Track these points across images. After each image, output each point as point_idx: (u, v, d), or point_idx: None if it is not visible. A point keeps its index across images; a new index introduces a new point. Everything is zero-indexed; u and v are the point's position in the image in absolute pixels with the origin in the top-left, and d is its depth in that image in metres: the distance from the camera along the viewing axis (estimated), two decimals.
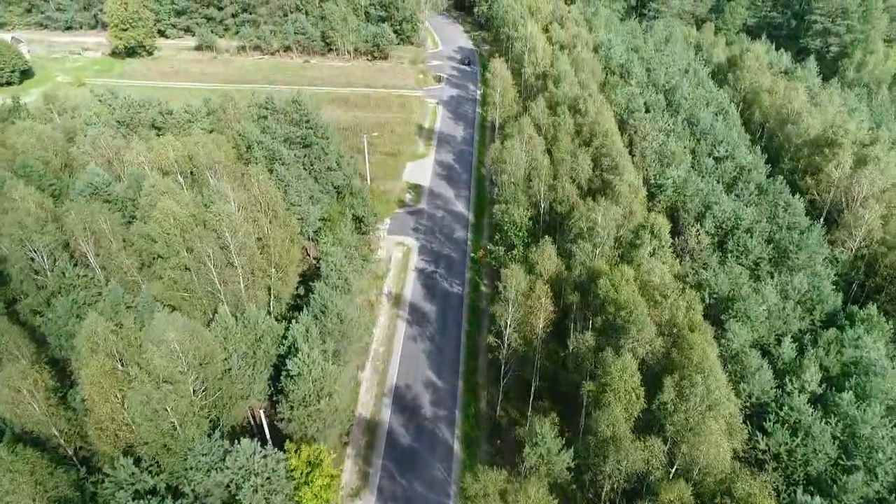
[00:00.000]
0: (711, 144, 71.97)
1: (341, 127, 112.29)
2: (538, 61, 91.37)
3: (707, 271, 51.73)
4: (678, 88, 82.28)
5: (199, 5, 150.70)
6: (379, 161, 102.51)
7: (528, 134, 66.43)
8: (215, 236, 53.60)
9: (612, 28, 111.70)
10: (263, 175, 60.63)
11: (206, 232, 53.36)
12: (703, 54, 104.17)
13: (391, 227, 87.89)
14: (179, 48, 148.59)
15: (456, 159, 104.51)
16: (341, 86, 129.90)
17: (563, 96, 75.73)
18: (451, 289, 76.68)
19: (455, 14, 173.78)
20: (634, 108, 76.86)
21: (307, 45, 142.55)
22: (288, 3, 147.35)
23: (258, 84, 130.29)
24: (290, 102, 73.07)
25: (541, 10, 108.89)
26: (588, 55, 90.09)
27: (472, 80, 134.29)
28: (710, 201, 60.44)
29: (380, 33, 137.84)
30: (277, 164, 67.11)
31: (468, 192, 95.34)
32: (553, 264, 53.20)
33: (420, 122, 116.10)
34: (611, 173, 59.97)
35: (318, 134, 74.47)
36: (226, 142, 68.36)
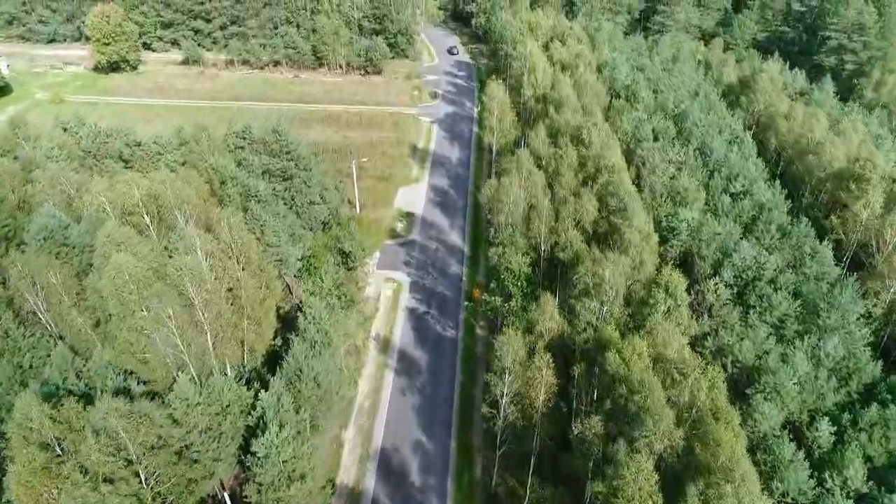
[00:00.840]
0: (727, 178, 66.19)
1: (330, 149, 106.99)
2: (538, 83, 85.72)
3: (729, 334, 45.87)
4: (688, 114, 76.54)
5: (186, 17, 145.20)
6: (369, 186, 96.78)
7: (526, 169, 60.69)
8: (177, 293, 47.84)
9: (616, 44, 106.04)
10: (235, 217, 54.84)
11: (166, 288, 47.56)
12: (712, 73, 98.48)
13: (381, 260, 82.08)
14: (166, 62, 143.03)
15: (451, 184, 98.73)
16: (332, 102, 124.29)
17: (564, 124, 70.02)
18: (445, 332, 70.81)
19: (452, 25, 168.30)
20: (642, 137, 71.12)
21: (297, 60, 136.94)
22: (278, 16, 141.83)
23: (245, 101, 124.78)
24: (269, 132, 67.29)
25: (541, 26, 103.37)
26: (591, 77, 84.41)
27: (468, 97, 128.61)
28: (728, 248, 54.64)
29: (373, 47, 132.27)
30: (253, 201, 61.33)
31: (463, 221, 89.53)
32: (555, 323, 47.37)
33: (414, 142, 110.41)
34: (618, 216, 54.18)
35: (300, 165, 68.72)
36: (197, 177, 62.57)
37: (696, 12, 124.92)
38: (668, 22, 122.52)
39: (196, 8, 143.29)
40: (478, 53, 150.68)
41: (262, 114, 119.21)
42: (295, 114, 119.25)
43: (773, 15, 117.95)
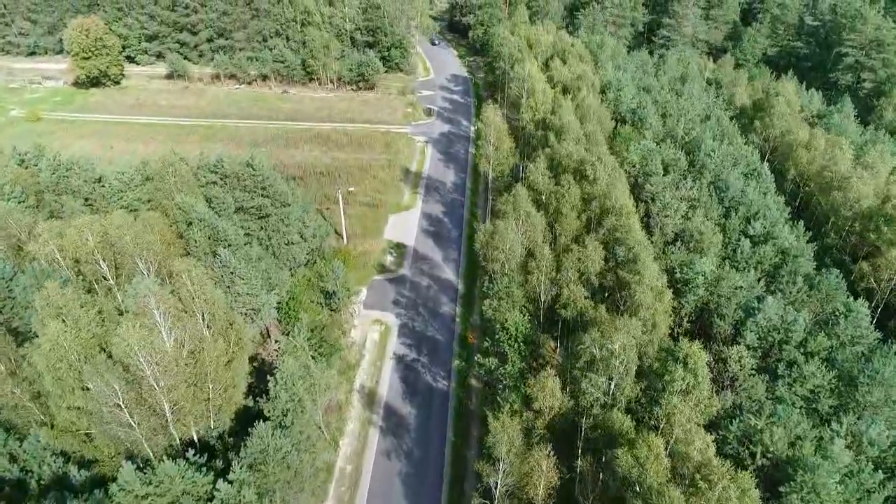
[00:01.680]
0: (745, 218, 60.21)
1: (318, 171, 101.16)
2: (537, 106, 79.78)
3: (756, 416, 39.81)
4: (700, 142, 70.58)
5: (171, 30, 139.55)
6: (358, 214, 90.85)
7: (524, 211, 54.69)
8: (123, 366, 41.87)
9: (620, 61, 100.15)
10: (198, 270, 48.85)
11: (110, 364, 41.57)
12: (723, 94, 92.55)
13: (368, 298, 76.04)
14: (150, 76, 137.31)
15: (445, 211, 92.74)
16: (322, 120, 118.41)
17: (566, 156, 64.03)
18: (436, 383, 64.74)
19: (449, 37, 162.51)
20: (651, 171, 65.16)
21: (287, 74, 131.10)
22: (267, 28, 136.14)
23: (231, 119, 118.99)
24: (243, 166, 61.34)
25: (540, 43, 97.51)
26: (594, 101, 78.46)
27: (465, 114, 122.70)
28: (750, 305, 48.64)
29: (365, 62, 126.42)
30: (222, 246, 55.34)
31: (458, 254, 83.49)
32: (556, 400, 41.37)
33: (407, 164, 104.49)
34: (627, 269, 48.16)
35: (277, 202, 62.76)
36: (161, 219, 56.58)
37: (704, 26, 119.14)
38: (674, 36, 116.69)
39: (182, 20, 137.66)
40: (475, 66, 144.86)
41: (246, 133, 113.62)
42: (282, 133, 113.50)
43: (784, 29, 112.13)
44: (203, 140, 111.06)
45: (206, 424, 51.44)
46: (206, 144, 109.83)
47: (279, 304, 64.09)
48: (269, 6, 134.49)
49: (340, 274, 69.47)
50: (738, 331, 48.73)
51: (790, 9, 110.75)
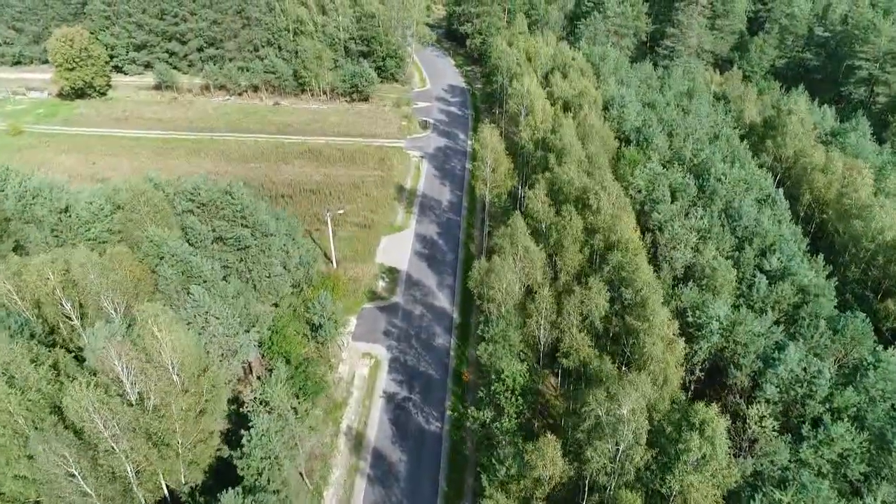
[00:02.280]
0: (760, 251, 55.99)
1: (308, 189, 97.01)
2: (536, 124, 75.63)
3: (782, 492, 35.55)
4: (710, 165, 66.39)
5: (160, 39, 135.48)
6: (349, 235, 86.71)
7: (522, 246, 50.48)
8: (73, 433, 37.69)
9: (623, 75, 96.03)
10: (166, 316, 44.63)
11: (61, 430, 37.37)
12: (731, 110, 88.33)
13: (358, 329, 71.80)
14: (138, 87, 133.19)
15: (441, 232, 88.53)
16: (314, 134, 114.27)
17: (567, 182, 59.83)
18: (428, 426, 60.45)
19: (446, 45, 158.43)
20: (658, 198, 60.97)
21: (278, 86, 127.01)
22: (258, 38, 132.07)
23: (219, 132, 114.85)
24: (222, 193, 57.14)
25: (539, 55, 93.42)
26: (596, 119, 74.31)
27: (462, 127, 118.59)
28: (769, 355, 44.42)
29: (359, 73, 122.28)
30: (196, 283, 51.12)
31: (453, 279, 79.29)
32: (558, 469, 37.14)
33: (401, 181, 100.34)
34: (635, 315, 43.95)
35: (258, 232, 58.56)
36: (129, 255, 52.37)
37: (709, 36, 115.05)
38: (679, 47, 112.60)
39: (170, 29, 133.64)
40: (473, 76, 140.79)
41: (234, 147, 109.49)
42: (272, 147, 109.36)
43: (793, 40, 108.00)
44: (189, 155, 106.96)
45: (176, 479, 47.37)
46: (192, 160, 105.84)
47: (261, 339, 59.97)
48: (261, 15, 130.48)
49: (328, 305, 65.24)
50: (756, 382, 44.49)
51: (799, 19, 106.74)
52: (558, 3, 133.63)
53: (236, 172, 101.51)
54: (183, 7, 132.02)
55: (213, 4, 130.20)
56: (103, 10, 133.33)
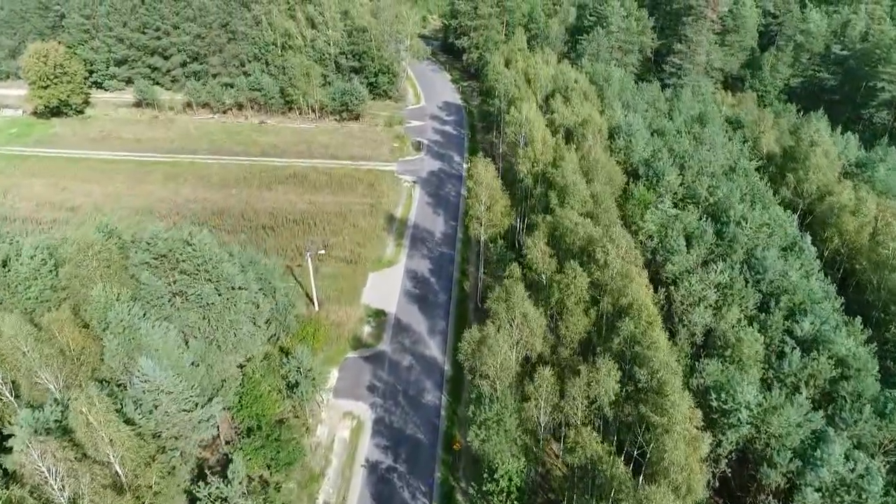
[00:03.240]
0: (788, 311, 49.51)
1: (292, 219, 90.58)
2: (536, 156, 69.22)
3: None
4: (728, 205, 59.90)
5: (142, 53, 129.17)
6: (333, 273, 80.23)
7: (520, 312, 44.03)
8: None
9: (629, 98, 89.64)
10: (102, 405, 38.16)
11: None
12: (746, 136, 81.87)
13: (339, 383, 65.28)
14: (118, 104, 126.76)
15: (433, 269, 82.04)
16: (300, 156, 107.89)
17: (570, 230, 53.34)
18: (414, 501, 53.94)
19: (442, 58, 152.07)
20: (672, 247, 54.50)
21: (264, 104, 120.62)
22: (245, 52, 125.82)
23: (200, 154, 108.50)
24: (181, 244, 50.64)
25: (539, 77, 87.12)
26: (602, 152, 67.98)
27: (457, 148, 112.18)
28: (809, 452, 37.90)
29: (349, 91, 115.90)
30: (147, 354, 44.60)
31: (445, 324, 72.77)
32: None
33: (391, 209, 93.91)
34: (651, 404, 37.43)
35: (224, 286, 52.07)
36: (71, 320, 45.91)
37: (719, 53, 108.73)
38: (687, 64, 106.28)
39: (152, 43, 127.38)
40: (469, 92, 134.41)
41: (216, 171, 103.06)
42: (256, 171, 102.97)
43: (809, 58, 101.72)
44: (167, 180, 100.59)
45: None
46: (169, 185, 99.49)
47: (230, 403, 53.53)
48: (247, 29, 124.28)
49: (305, 360, 58.82)
50: (792, 483, 37.96)
51: (815, 36, 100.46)
52: (559, 17, 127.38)
53: (215, 200, 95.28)
54: (165, 21, 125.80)
55: (196, 18, 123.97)
56: (82, 24, 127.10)
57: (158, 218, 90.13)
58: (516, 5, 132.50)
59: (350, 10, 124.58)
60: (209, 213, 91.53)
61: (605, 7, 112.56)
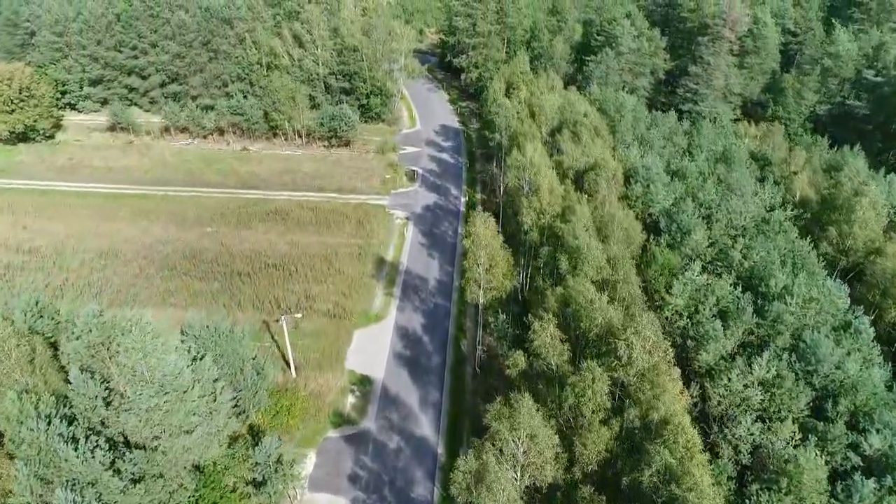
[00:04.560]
0: (849, 416, 40.98)
1: (270, 264, 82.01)
2: (542, 207, 60.73)
3: None
4: (768, 273, 51.35)
5: (117, 73, 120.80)
6: (315, 329, 71.70)
7: (526, 434, 35.44)
8: None
9: (643, 131, 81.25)
10: None
11: None
12: (774, 174, 73.49)
13: (316, 471, 56.53)
14: (91, 128, 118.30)
15: (427, 324, 73.47)
16: (283, 188, 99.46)
17: (585, 313, 44.80)
18: None
19: (439, 76, 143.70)
20: (706, 332, 45.95)
21: (247, 128, 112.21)
22: (227, 73, 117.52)
23: (175, 186, 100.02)
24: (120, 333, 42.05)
25: (544, 109, 78.67)
26: (617, 203, 59.58)
27: (455, 179, 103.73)
28: None
29: (338, 116, 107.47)
30: (64, 484, 36.00)
31: (440, 394, 64.18)
32: None
33: (382, 252, 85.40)
34: None
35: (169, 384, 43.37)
36: None
37: (739, 76, 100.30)
38: (704, 90, 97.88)
39: (129, 62, 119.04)
40: (468, 115, 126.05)
41: (191, 206, 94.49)
42: (235, 206, 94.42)
43: (838, 84, 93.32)
44: (137, 216, 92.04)
45: None
46: (139, 222, 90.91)
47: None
48: (230, 48, 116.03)
49: (274, 450, 50.41)
50: None
51: (845, 60, 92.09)
52: (563, 34, 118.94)
53: (188, 240, 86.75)
54: (142, 39, 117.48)
55: (175, 36, 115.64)
56: (53, 42, 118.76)
57: (123, 263, 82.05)
58: (518, 22, 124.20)
59: (340, 28, 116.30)
60: (180, 257, 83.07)
61: (614, 26, 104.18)
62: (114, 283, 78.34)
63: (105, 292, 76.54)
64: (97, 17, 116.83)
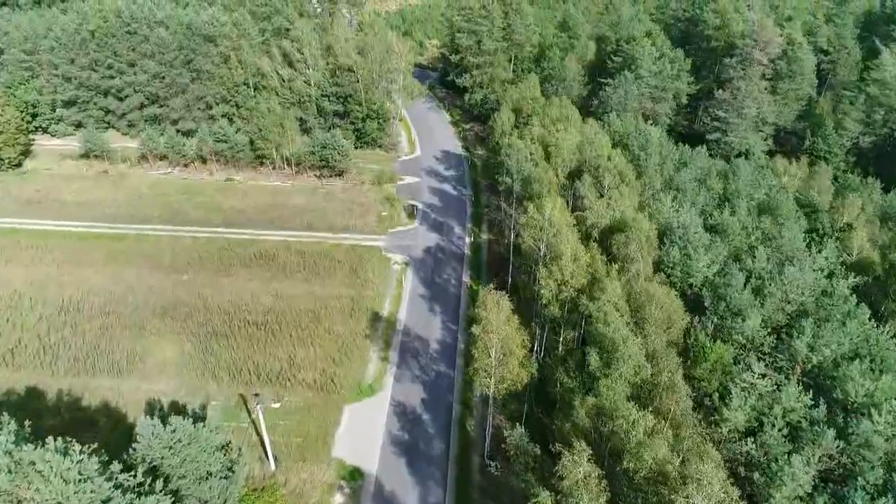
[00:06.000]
0: None
1: (251, 321, 72.76)
2: (564, 277, 51.40)
3: None
4: (844, 378, 42.02)
5: (93, 94, 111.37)
6: (298, 406, 62.53)
7: None
8: None
9: (671, 171, 72.01)
10: None
11: None
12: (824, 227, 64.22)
13: None
14: (63, 154, 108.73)
15: (427, 399, 64.17)
16: (269, 226, 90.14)
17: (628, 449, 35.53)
18: None
19: (440, 93, 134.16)
20: (780, 472, 36.58)
21: (231, 157, 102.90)
22: (211, 94, 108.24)
23: (152, 224, 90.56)
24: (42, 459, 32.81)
25: (560, 150, 69.19)
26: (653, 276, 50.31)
27: (458, 214, 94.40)
28: None
29: (331, 144, 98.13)
30: None
31: (443, 494, 54.92)
32: None
33: (377, 305, 76.11)
34: None
35: None
36: None
37: (773, 104, 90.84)
38: (734, 119, 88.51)
39: (104, 83, 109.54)
40: (472, 138, 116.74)
41: (167, 247, 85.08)
42: (215, 248, 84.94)
43: (885, 114, 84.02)
44: (108, 260, 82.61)
45: None
46: (109, 267, 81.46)
47: None
48: (213, 67, 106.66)
49: None
50: None
51: (893, 87, 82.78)
52: (576, 52, 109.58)
53: (162, 289, 77.49)
54: (119, 57, 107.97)
55: (155, 54, 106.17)
56: (23, 61, 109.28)
57: (87, 319, 72.73)
58: (526, 38, 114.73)
59: (334, 46, 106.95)
60: (150, 311, 73.82)
61: (633, 47, 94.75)
62: (74, 345, 69.11)
63: (62, 358, 67.38)
64: (70, 33, 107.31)
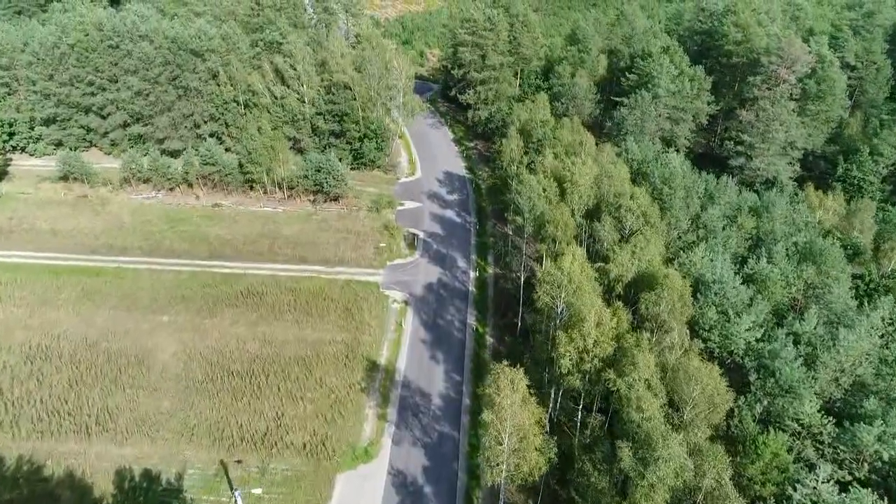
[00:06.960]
0: None
1: (235, 371, 66.30)
2: (586, 345, 44.80)
3: None
4: None
5: (73, 111, 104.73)
6: (286, 478, 56.18)
7: None
8: None
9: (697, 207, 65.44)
10: None
11: None
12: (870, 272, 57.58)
13: None
14: (41, 176, 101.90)
15: (430, 467, 57.52)
16: (258, 258, 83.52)
17: None
18: None
19: (442, 107, 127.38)
20: None
21: (219, 180, 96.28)
22: (198, 112, 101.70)
23: (132, 256, 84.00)
24: None
25: (577, 184, 62.54)
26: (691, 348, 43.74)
27: (461, 245, 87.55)
28: None
29: (325, 168, 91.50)
30: None
31: None
32: None
33: (374, 352, 69.56)
34: None
35: None
36: None
37: (802, 127, 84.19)
38: (760, 143, 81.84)
39: (85, 100, 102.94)
40: (476, 157, 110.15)
41: (147, 283, 78.41)
42: (199, 284, 78.44)
43: None
44: (81, 299, 75.98)
45: None
46: (83, 307, 74.83)
47: None
48: (201, 84, 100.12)
49: None
50: None
51: None
52: (587, 67, 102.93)
53: (138, 334, 70.97)
54: (100, 73, 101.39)
55: (139, 70, 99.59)
56: (0, 77, 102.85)
57: (56, 370, 66.24)
58: (533, 52, 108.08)
59: (329, 62, 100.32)
60: (125, 361, 67.28)
61: (649, 64, 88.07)
62: (38, 401, 62.57)
63: (24, 417, 60.87)
64: (48, 48, 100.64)
